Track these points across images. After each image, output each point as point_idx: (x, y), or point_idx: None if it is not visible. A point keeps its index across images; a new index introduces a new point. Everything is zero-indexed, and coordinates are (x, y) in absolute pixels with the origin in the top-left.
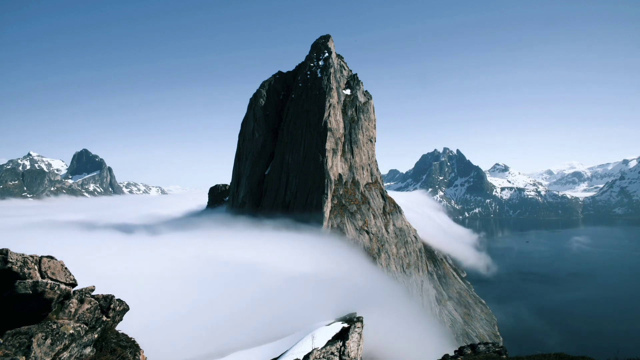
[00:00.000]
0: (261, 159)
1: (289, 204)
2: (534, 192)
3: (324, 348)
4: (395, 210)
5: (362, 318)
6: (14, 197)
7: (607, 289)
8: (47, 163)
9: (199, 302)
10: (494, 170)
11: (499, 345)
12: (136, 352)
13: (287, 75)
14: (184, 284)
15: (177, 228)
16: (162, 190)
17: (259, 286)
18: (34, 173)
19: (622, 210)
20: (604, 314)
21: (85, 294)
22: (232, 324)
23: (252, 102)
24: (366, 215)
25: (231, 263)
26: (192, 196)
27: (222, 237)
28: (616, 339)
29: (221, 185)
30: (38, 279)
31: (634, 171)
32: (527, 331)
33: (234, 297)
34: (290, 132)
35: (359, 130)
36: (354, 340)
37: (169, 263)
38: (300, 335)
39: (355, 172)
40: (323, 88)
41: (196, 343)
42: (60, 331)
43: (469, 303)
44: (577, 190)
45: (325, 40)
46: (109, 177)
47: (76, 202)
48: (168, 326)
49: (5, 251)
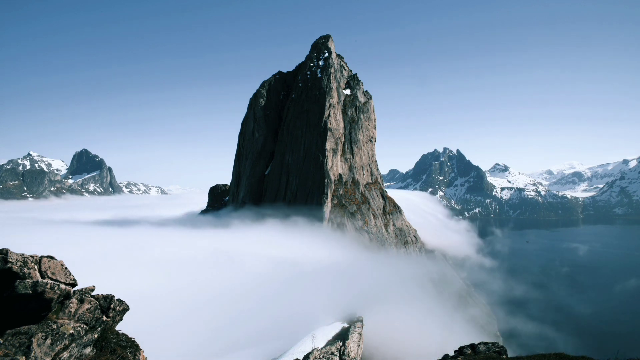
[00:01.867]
0: (261, 159)
1: (289, 204)
2: (534, 192)
3: (324, 348)
4: (395, 210)
5: (362, 318)
6: (14, 197)
7: (607, 289)
8: (47, 163)
9: (199, 302)
10: (494, 170)
11: (499, 345)
12: (136, 352)
13: (287, 75)
14: (184, 283)
15: (176, 228)
16: (162, 190)
17: (259, 286)
18: (34, 173)
19: (622, 210)
20: (604, 314)
21: (85, 294)
22: (232, 324)
23: (252, 102)
24: (366, 215)
25: (231, 263)
26: (192, 196)
27: (222, 237)
28: (616, 339)
29: (221, 185)
30: (38, 279)
31: (634, 171)
32: (527, 331)
33: (234, 297)
34: (290, 132)
35: (359, 130)
36: (354, 340)
37: (168, 263)
38: (300, 335)
39: (355, 172)
40: (323, 88)
41: (196, 343)
42: (60, 331)
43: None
44: (577, 190)
45: (325, 40)
46: (109, 177)
47: (79, 201)
48: (168, 326)
49: (5, 251)
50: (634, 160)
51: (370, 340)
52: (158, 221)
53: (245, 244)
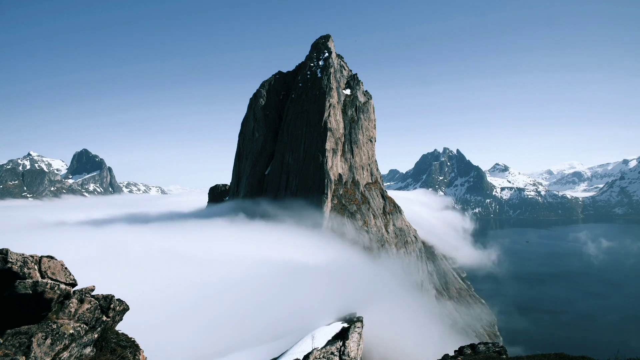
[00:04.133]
0: (261, 158)
1: (288, 204)
2: (534, 192)
3: (324, 348)
4: (395, 210)
5: (362, 318)
6: (14, 197)
7: (607, 289)
8: (47, 163)
9: (199, 302)
10: (494, 170)
11: (499, 345)
12: (136, 352)
13: (287, 75)
14: (184, 284)
15: (176, 228)
16: (162, 190)
17: (259, 286)
18: (33, 173)
19: (622, 210)
20: (604, 314)
21: (85, 294)
22: (232, 324)
23: (252, 102)
24: (366, 215)
25: (231, 263)
26: (192, 196)
27: (222, 237)
28: (616, 339)
29: (221, 185)
30: (38, 279)
31: (634, 171)
32: (527, 331)
33: (234, 297)
34: (290, 132)
35: (359, 130)
36: (354, 340)
37: (168, 263)
38: (300, 335)
39: (355, 172)
40: (323, 88)
41: (196, 343)
42: (60, 331)
43: (469, 302)
44: (577, 190)
45: (325, 40)
46: (109, 177)
47: (80, 201)
48: (168, 326)
49: (5, 251)
50: (633, 160)
51: (370, 340)
52: (158, 221)
53: (245, 244)
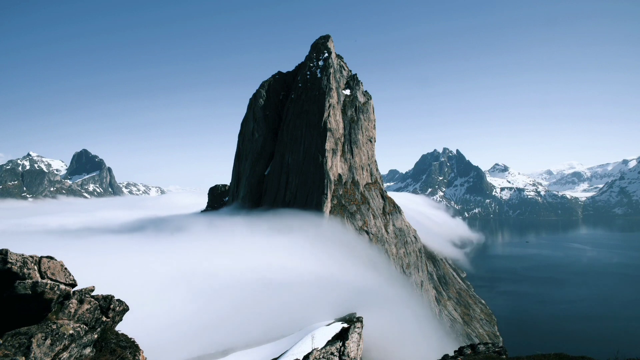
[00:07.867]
0: (261, 159)
1: (288, 204)
2: (534, 192)
3: (323, 348)
4: (395, 210)
5: (361, 318)
6: (14, 198)
7: (607, 289)
8: (47, 163)
9: (199, 302)
10: (494, 170)
11: (499, 345)
12: (136, 353)
13: (287, 76)
14: (184, 284)
15: (176, 228)
16: (162, 190)
17: (259, 286)
18: (33, 173)
19: (621, 210)
20: (604, 314)
21: (85, 294)
22: (232, 324)
23: (251, 102)
24: (366, 216)
25: (230, 263)
26: (192, 196)
27: (221, 237)
28: (616, 339)
29: (221, 185)
30: (38, 280)
31: (634, 171)
32: (527, 331)
33: (234, 297)
34: (290, 132)
35: (359, 130)
36: (354, 341)
37: (168, 263)
38: (300, 335)
39: (355, 172)
40: (323, 88)
41: (196, 343)
42: (60, 331)
43: (469, 303)
44: (577, 191)
45: (325, 40)
46: (109, 178)
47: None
48: (168, 326)
49: (5, 251)
50: (633, 161)
51: (370, 340)
52: (157, 221)
53: (244, 244)
